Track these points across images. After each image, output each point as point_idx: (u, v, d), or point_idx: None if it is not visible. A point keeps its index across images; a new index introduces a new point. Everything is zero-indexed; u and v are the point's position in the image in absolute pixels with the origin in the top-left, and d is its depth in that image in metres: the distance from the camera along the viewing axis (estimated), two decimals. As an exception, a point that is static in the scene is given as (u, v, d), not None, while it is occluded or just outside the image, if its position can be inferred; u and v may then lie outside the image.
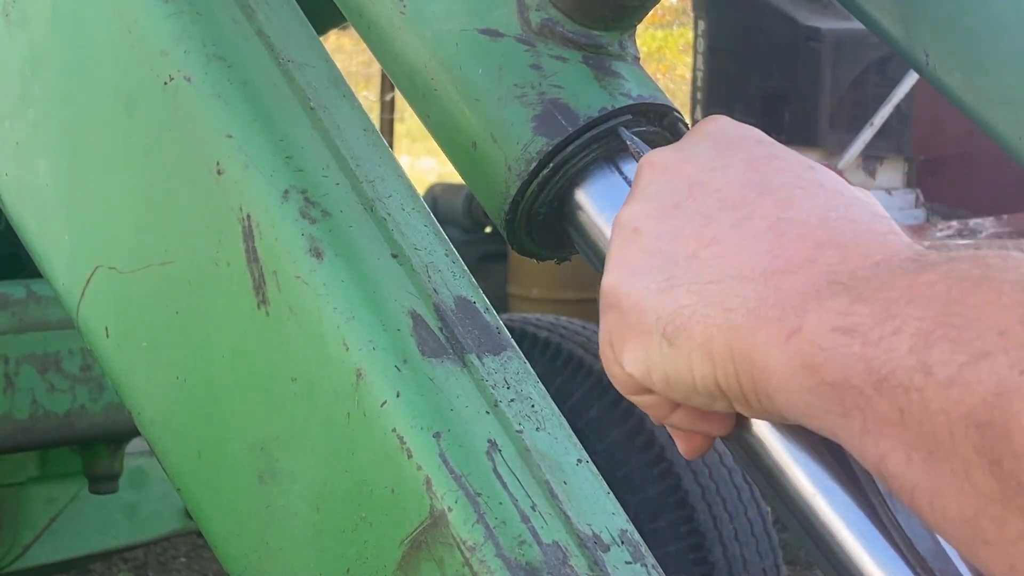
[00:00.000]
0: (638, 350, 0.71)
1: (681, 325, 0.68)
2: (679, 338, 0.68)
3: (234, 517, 0.98)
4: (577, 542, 0.86)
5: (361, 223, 0.96)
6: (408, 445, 0.87)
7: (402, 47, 0.96)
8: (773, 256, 0.66)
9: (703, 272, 0.69)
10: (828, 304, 0.62)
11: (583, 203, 0.91)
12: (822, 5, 6.78)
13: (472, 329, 0.94)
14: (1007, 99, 1.38)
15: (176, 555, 5.10)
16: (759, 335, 0.64)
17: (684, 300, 0.68)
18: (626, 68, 0.93)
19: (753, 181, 0.71)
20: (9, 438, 2.62)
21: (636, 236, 0.73)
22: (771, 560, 3.26)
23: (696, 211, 0.71)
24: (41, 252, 1.13)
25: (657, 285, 0.70)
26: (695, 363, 0.68)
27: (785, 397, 0.64)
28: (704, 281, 0.68)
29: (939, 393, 0.56)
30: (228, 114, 0.98)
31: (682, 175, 0.74)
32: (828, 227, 0.67)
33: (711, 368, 0.67)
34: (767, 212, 0.69)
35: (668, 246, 0.71)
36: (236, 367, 0.97)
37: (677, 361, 0.69)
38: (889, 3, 1.42)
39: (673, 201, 0.73)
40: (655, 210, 0.73)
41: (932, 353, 0.56)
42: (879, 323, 0.59)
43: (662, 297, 0.70)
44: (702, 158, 0.74)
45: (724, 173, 0.72)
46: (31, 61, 1.12)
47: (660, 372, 0.70)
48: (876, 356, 0.58)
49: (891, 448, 0.58)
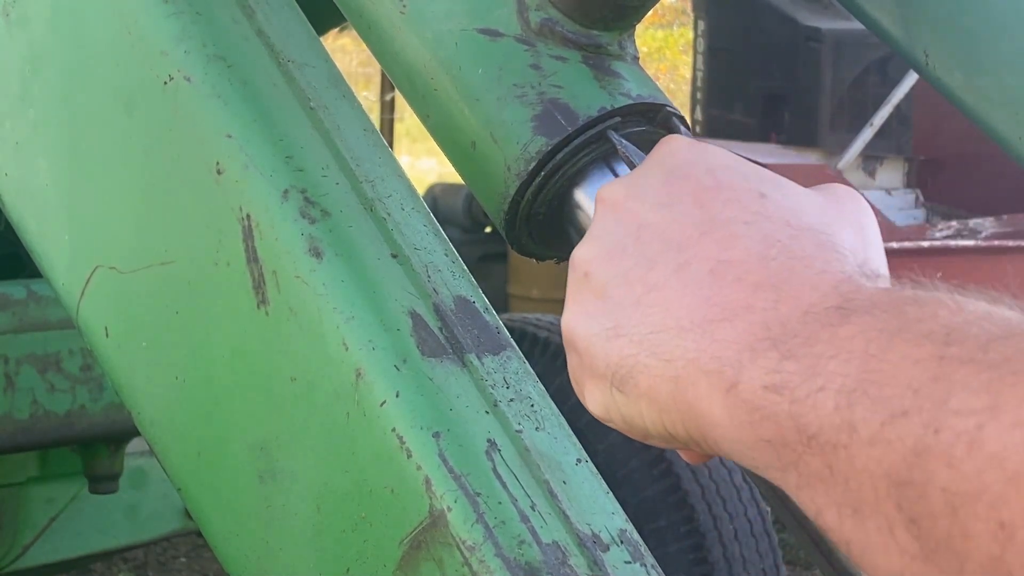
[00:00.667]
0: (596, 392, 0.73)
1: (626, 374, 0.70)
2: (626, 386, 0.70)
3: (234, 517, 0.98)
4: (576, 542, 0.86)
5: (361, 223, 0.96)
6: (408, 445, 0.87)
7: (402, 47, 0.96)
8: (711, 304, 0.67)
9: (645, 321, 0.69)
10: (759, 361, 0.62)
11: (583, 203, 0.91)
12: (822, 5, 6.78)
13: (472, 329, 0.94)
14: (1007, 99, 1.38)
15: (176, 555, 5.10)
16: (700, 386, 0.65)
17: (628, 350, 0.70)
18: (626, 68, 0.93)
19: (697, 219, 0.71)
20: (9, 438, 2.62)
21: (587, 280, 0.75)
22: (771, 560, 3.26)
23: (642, 254, 0.72)
24: (41, 252, 1.13)
25: (605, 332, 0.72)
26: (644, 410, 0.69)
27: (730, 447, 0.65)
28: (646, 331, 0.69)
29: (862, 451, 0.56)
30: (228, 114, 0.98)
31: (630, 214, 0.74)
32: (766, 267, 0.67)
33: (659, 416, 0.69)
34: (708, 255, 0.69)
35: (615, 291, 0.72)
36: (236, 367, 0.97)
37: (628, 406, 0.71)
38: (889, 3, 1.42)
39: (621, 244, 0.73)
40: (604, 253, 0.74)
41: (855, 411, 0.57)
42: (805, 380, 0.60)
43: (608, 345, 0.71)
44: (650, 194, 0.74)
45: (669, 212, 0.72)
46: (31, 61, 1.12)
47: (618, 415, 0.72)
48: (804, 414, 0.59)
49: (825, 504, 0.59)
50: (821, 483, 0.59)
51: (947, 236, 5.43)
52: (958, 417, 0.53)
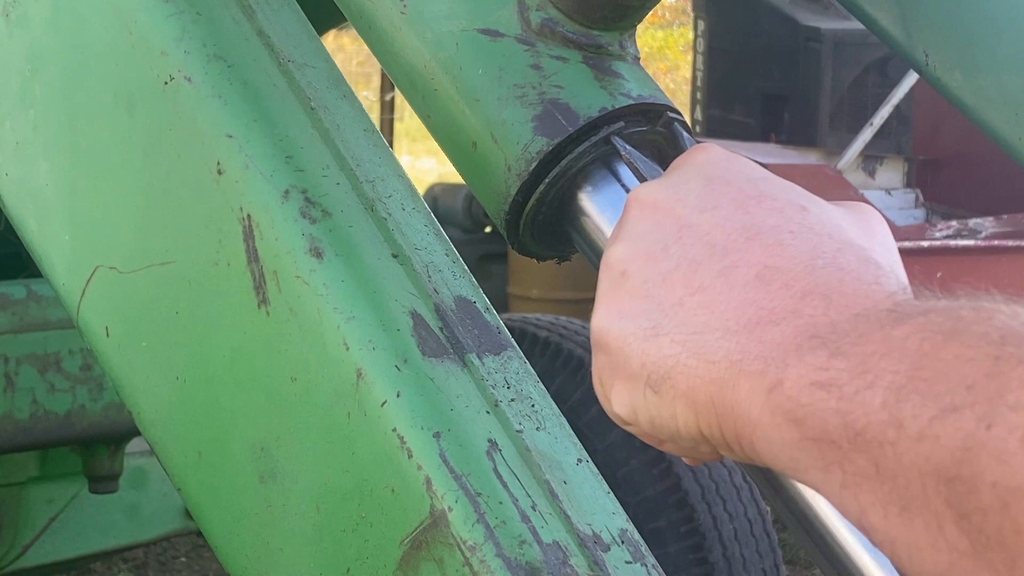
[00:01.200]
0: (624, 393, 0.72)
1: (665, 374, 0.69)
2: (662, 386, 0.69)
3: (234, 517, 0.98)
4: (577, 542, 0.86)
5: (361, 223, 0.96)
6: (408, 445, 0.87)
7: (402, 47, 0.96)
8: (757, 307, 0.67)
9: (688, 321, 0.69)
10: (808, 359, 0.62)
11: (583, 203, 0.91)
12: (822, 5, 6.78)
13: (472, 329, 0.94)
14: (1007, 99, 1.38)
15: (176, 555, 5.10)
16: (741, 388, 0.65)
17: (668, 350, 0.69)
18: (626, 68, 0.93)
19: (742, 224, 0.71)
20: (9, 438, 2.62)
21: (624, 279, 0.73)
22: (771, 560, 3.26)
23: (684, 255, 0.71)
24: (41, 252, 1.13)
25: (643, 332, 0.71)
26: (678, 411, 0.69)
27: (768, 449, 0.64)
28: (689, 331, 0.69)
29: (911, 447, 0.56)
30: (228, 114, 0.98)
31: (671, 216, 0.73)
32: (814, 276, 0.67)
33: (694, 417, 0.68)
34: (754, 259, 0.69)
35: (655, 291, 0.71)
36: (236, 367, 0.97)
37: (661, 408, 0.70)
38: (889, 3, 1.42)
39: (662, 244, 0.72)
40: (643, 252, 0.73)
41: (904, 407, 0.57)
42: (854, 377, 0.59)
43: (646, 345, 0.70)
44: (691, 197, 0.73)
45: (713, 215, 0.72)
46: (31, 61, 1.12)
47: (645, 416, 0.71)
48: (852, 411, 0.59)
49: (869, 503, 0.59)
50: (866, 481, 0.58)
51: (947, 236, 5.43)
52: (1013, 412, 0.53)
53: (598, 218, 0.90)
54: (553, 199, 0.91)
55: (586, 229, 0.91)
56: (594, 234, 0.90)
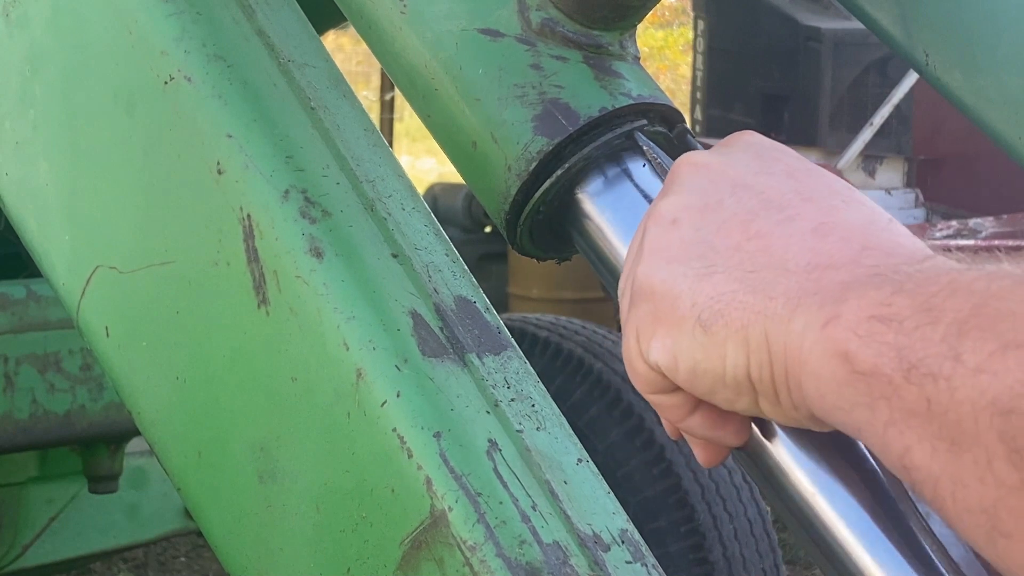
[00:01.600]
0: (667, 338, 0.71)
1: (719, 311, 0.68)
2: (715, 324, 0.68)
3: (234, 517, 0.98)
4: (577, 542, 0.86)
5: (361, 223, 0.96)
6: (408, 445, 0.87)
7: (402, 47, 0.96)
8: (817, 253, 0.67)
9: (746, 261, 0.69)
10: (870, 294, 0.62)
11: (584, 203, 0.91)
12: (822, 5, 6.78)
13: (472, 329, 0.94)
14: (1007, 99, 1.38)
15: (176, 555, 5.10)
16: (796, 322, 0.65)
17: (724, 286, 0.69)
18: (626, 68, 0.93)
19: (796, 188, 0.72)
20: (9, 438, 2.62)
21: (675, 226, 0.73)
22: (771, 560, 3.26)
23: (740, 207, 0.71)
24: (41, 252, 1.13)
25: (695, 272, 0.70)
26: (728, 351, 0.68)
27: (815, 387, 0.64)
28: (746, 270, 0.68)
29: (966, 381, 0.56)
30: (228, 114, 0.98)
31: (724, 176, 0.74)
32: (873, 234, 0.68)
33: (744, 357, 0.67)
34: (811, 216, 0.69)
35: (709, 237, 0.71)
36: (236, 367, 0.97)
37: (709, 349, 0.69)
38: (889, 3, 1.42)
39: (716, 197, 0.73)
40: (697, 204, 0.73)
41: (964, 342, 0.57)
42: (916, 313, 0.60)
43: (700, 283, 0.70)
44: (743, 163, 0.74)
45: (768, 178, 0.73)
46: (31, 61, 1.12)
47: (689, 361, 0.70)
48: (910, 344, 0.59)
49: (916, 439, 0.59)
50: (915, 417, 0.59)
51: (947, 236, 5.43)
52: None
53: (598, 217, 0.90)
54: (553, 198, 0.91)
55: (586, 228, 0.91)
56: (594, 233, 0.90)
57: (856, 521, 0.73)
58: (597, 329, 3.53)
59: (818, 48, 6.59)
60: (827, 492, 0.75)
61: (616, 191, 0.90)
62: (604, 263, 0.91)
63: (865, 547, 0.73)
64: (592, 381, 3.27)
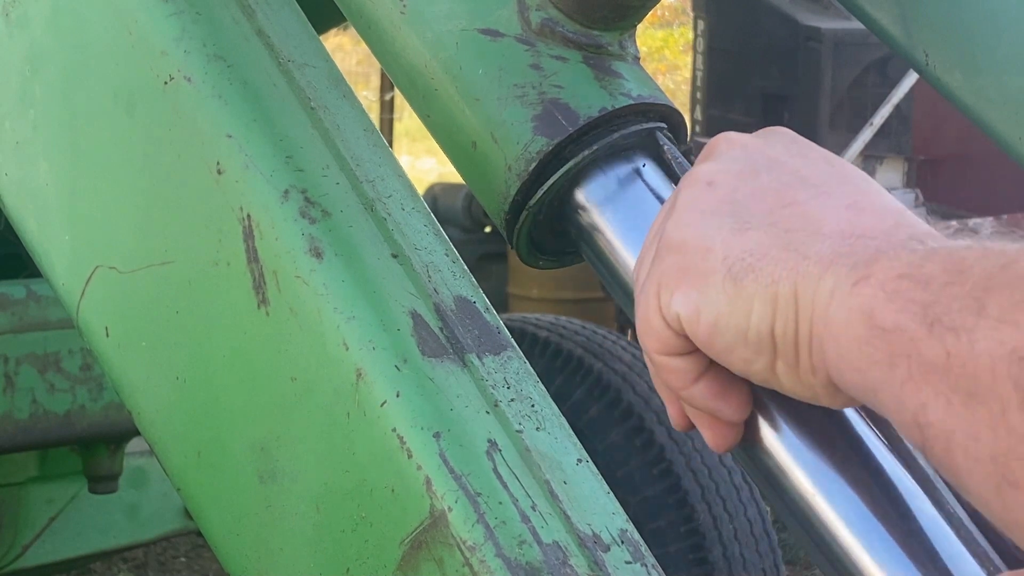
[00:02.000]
0: (692, 290, 0.71)
1: (750, 265, 0.69)
2: (745, 278, 0.69)
3: (234, 517, 0.98)
4: (577, 542, 0.86)
5: (361, 223, 0.96)
6: (408, 445, 0.87)
7: (402, 47, 0.96)
8: (851, 224, 0.69)
9: (782, 222, 0.70)
10: (903, 256, 0.64)
11: (583, 203, 0.91)
12: (822, 5, 6.78)
13: (472, 329, 0.94)
14: (1007, 99, 1.38)
15: (176, 555, 5.10)
16: (826, 282, 0.66)
17: (758, 242, 0.70)
18: (626, 68, 0.94)
19: (831, 171, 0.74)
20: (9, 438, 2.62)
21: (711, 187, 0.74)
22: (771, 560, 3.26)
23: (776, 180, 0.73)
24: (41, 252, 1.13)
25: (729, 227, 0.71)
26: (756, 306, 0.69)
27: (836, 347, 0.65)
28: (782, 229, 0.70)
29: (988, 332, 0.58)
30: (228, 114, 0.98)
31: (761, 152, 0.75)
32: (905, 215, 0.70)
33: (771, 313, 0.68)
34: (846, 194, 0.71)
35: (745, 199, 0.72)
36: (236, 367, 0.97)
37: (736, 303, 0.69)
38: (889, 3, 1.42)
39: (752, 169, 0.74)
40: (734, 170, 0.74)
41: (990, 295, 0.59)
42: (945, 273, 0.61)
43: (734, 237, 0.71)
44: (780, 146, 0.76)
45: (804, 160, 0.75)
46: (31, 61, 1.12)
47: (712, 314, 0.70)
48: (935, 300, 0.60)
49: (931, 395, 0.60)
50: (933, 373, 0.60)
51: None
52: None
53: (598, 217, 0.90)
54: (553, 198, 0.91)
55: (586, 228, 0.91)
56: (595, 233, 0.90)
57: (856, 521, 0.73)
58: (597, 329, 3.53)
59: (818, 48, 6.59)
60: (827, 492, 0.75)
61: (616, 191, 0.90)
62: (604, 263, 0.91)
63: (865, 547, 0.73)
64: (592, 381, 3.27)
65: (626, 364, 3.30)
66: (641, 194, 0.90)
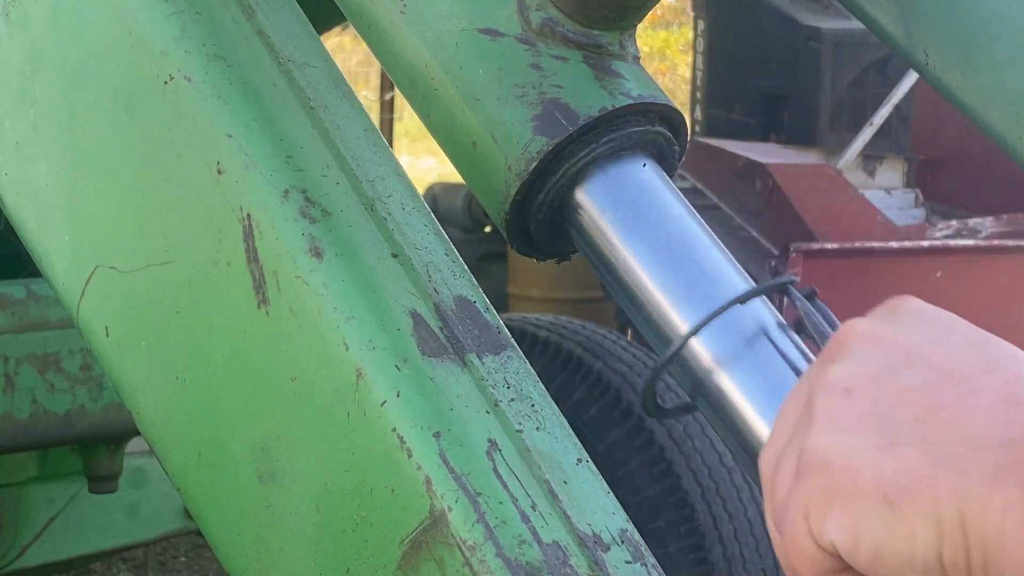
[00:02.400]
0: (847, 516, 0.66)
1: (905, 488, 0.64)
2: (903, 502, 0.64)
3: (234, 517, 0.98)
4: (577, 542, 0.86)
5: (361, 223, 0.96)
6: (408, 445, 0.87)
7: (402, 47, 0.96)
8: (1011, 426, 0.63)
9: (932, 435, 0.64)
10: None
11: (583, 203, 0.91)
12: (822, 5, 6.78)
13: (472, 329, 0.94)
14: (1007, 99, 1.38)
15: (176, 555, 5.10)
16: (995, 502, 0.61)
17: (910, 460, 0.64)
18: (626, 68, 0.93)
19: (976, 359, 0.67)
20: (9, 438, 2.62)
21: (848, 396, 0.68)
22: (771, 560, 3.26)
23: (918, 378, 0.67)
24: (41, 252, 1.13)
25: (876, 444, 0.65)
26: (919, 531, 0.63)
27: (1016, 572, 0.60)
28: (935, 442, 0.64)
29: None
30: (228, 114, 0.98)
31: (896, 345, 0.69)
32: None
33: (937, 538, 0.63)
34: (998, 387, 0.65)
35: (888, 408, 0.66)
36: (236, 367, 0.97)
37: (896, 529, 0.64)
38: (889, 3, 1.42)
39: (890, 368, 0.68)
40: (870, 373, 0.68)
41: None
42: None
43: (883, 456, 0.65)
44: (915, 332, 0.70)
45: (944, 348, 0.68)
46: (31, 61, 1.12)
47: (871, 542, 0.65)
48: None
49: None
50: None
51: (947, 236, 5.43)
52: None
53: (598, 217, 0.90)
54: (553, 198, 0.91)
55: (586, 227, 0.91)
56: (594, 233, 0.90)
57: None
58: (597, 329, 3.53)
59: (818, 48, 6.59)
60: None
61: (616, 191, 0.90)
62: (604, 262, 0.91)
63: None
64: (592, 381, 3.27)
65: (626, 364, 3.30)
66: (641, 194, 0.90)
